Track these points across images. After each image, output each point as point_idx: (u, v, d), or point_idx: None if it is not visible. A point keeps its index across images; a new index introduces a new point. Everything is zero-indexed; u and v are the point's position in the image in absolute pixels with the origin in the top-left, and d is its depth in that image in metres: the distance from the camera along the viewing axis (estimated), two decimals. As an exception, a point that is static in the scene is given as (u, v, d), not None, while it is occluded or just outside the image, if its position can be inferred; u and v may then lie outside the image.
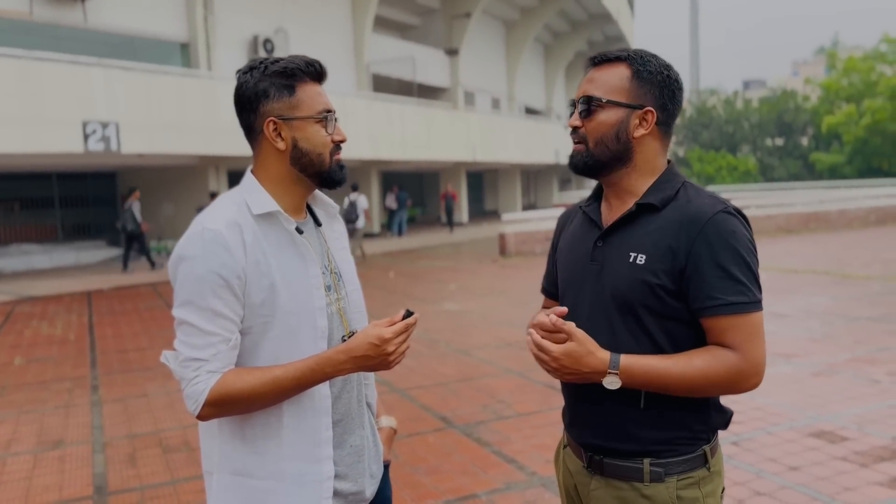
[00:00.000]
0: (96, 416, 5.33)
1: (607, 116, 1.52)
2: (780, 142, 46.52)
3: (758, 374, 1.44)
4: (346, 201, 16.53)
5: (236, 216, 1.49)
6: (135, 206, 14.74)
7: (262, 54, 18.39)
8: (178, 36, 17.41)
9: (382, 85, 24.54)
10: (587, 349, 1.43)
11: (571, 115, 1.59)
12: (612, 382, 1.44)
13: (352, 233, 16.47)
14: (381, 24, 25.23)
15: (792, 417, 4.57)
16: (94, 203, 20.02)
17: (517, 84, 33.41)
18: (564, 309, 1.50)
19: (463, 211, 28.11)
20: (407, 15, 27.18)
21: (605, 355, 1.44)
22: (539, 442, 4.35)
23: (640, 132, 1.52)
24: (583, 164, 1.56)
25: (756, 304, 1.43)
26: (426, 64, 26.02)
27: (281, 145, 1.53)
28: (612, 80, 1.52)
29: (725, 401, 1.60)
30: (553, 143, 32.28)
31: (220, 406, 1.45)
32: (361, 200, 16.69)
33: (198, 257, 1.44)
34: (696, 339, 1.48)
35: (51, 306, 11.08)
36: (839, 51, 44.49)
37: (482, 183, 36.27)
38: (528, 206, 35.81)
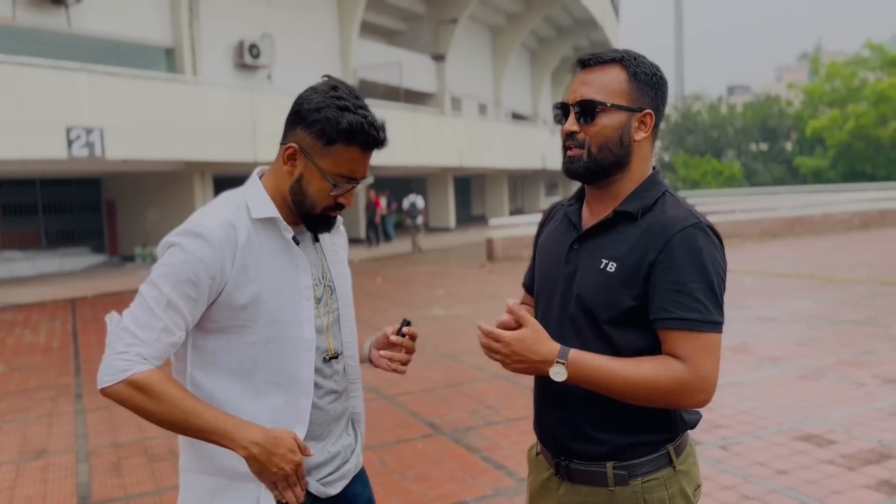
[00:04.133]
0: (80, 424, 5.27)
1: (611, 121, 1.47)
2: (764, 146, 46.89)
3: (705, 391, 1.40)
4: (407, 202, 19.85)
5: (232, 217, 1.48)
6: None
7: (248, 60, 18.33)
8: (163, 41, 17.30)
9: (369, 90, 24.48)
10: (538, 337, 1.43)
11: (561, 119, 1.53)
12: (558, 373, 1.40)
13: (415, 228, 19.76)
14: (368, 29, 25.21)
15: (779, 421, 4.59)
16: (78, 209, 19.82)
17: (504, 89, 33.48)
18: (515, 302, 1.51)
19: (450, 216, 28.11)
20: (393, 20, 27.18)
21: (555, 346, 1.42)
22: (528, 447, 4.32)
23: (640, 135, 1.49)
24: (584, 170, 1.50)
25: (710, 325, 1.39)
26: (413, 69, 26.00)
27: (289, 170, 1.52)
28: (611, 83, 1.47)
29: (710, 404, 1.56)
30: (540, 148, 32.37)
31: (134, 392, 1.40)
32: (419, 201, 19.76)
33: (181, 248, 1.44)
34: (660, 350, 1.45)
35: (34, 314, 10.96)
36: (822, 56, 44.88)
37: (469, 188, 36.29)
38: (516, 211, 35.84)
